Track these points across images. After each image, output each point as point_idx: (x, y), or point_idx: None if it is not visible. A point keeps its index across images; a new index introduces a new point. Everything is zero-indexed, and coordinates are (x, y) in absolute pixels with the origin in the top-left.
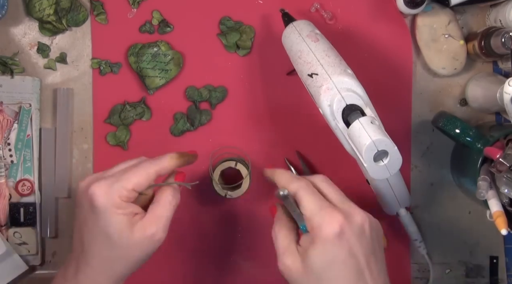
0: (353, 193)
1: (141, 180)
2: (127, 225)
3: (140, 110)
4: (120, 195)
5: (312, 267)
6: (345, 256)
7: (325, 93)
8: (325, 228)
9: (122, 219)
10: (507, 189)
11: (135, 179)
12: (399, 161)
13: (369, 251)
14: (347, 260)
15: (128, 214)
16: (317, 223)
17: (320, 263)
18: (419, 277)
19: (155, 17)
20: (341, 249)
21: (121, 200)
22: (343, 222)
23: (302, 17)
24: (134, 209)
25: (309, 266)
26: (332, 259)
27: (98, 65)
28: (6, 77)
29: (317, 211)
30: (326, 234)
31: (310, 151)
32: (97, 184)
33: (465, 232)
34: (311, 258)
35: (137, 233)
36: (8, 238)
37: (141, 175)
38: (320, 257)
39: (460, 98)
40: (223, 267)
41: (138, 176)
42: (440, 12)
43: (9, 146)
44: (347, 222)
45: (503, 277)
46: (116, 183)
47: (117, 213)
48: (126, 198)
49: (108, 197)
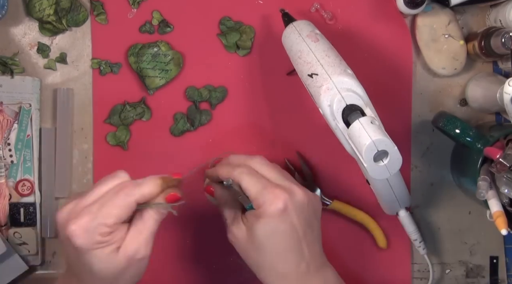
0: (353, 193)
1: (121, 213)
2: (110, 254)
3: (140, 110)
4: (101, 233)
5: (256, 237)
6: (286, 228)
7: (325, 93)
8: (270, 205)
9: (103, 253)
10: (507, 189)
11: (115, 213)
12: (399, 161)
13: (307, 224)
14: (287, 232)
15: (111, 244)
16: (262, 202)
17: (264, 234)
18: (419, 277)
19: (155, 17)
20: (283, 223)
21: (102, 237)
22: (286, 199)
23: (302, 17)
24: (116, 236)
25: (254, 236)
26: (275, 230)
27: (98, 65)
28: (6, 77)
29: (261, 190)
30: (271, 210)
31: (310, 151)
32: (75, 223)
33: (465, 232)
34: (256, 230)
35: (120, 257)
36: (8, 238)
37: (121, 207)
38: (265, 229)
39: (460, 98)
40: (223, 267)
41: (118, 209)
42: (440, 12)
43: (9, 146)
44: (290, 199)
45: (503, 277)
46: (95, 220)
47: (99, 248)
48: (108, 233)
49: (88, 237)
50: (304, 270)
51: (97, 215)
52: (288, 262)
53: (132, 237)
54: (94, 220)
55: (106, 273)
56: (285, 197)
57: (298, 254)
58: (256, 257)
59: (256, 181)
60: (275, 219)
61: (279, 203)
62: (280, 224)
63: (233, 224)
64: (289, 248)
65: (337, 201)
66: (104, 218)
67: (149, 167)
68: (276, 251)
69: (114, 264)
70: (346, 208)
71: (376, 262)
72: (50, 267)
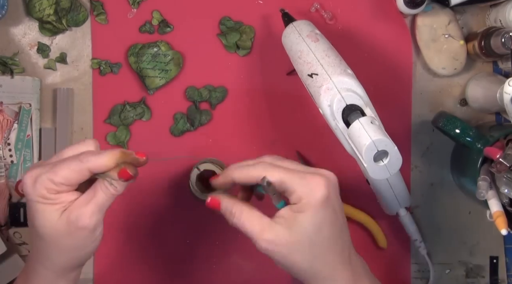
0: (353, 193)
1: (71, 175)
2: (52, 213)
3: (140, 110)
4: (47, 187)
5: (303, 233)
6: (331, 215)
7: (325, 93)
8: (315, 194)
9: (46, 209)
10: (507, 189)
11: (64, 173)
12: (399, 161)
13: (341, 205)
14: (333, 219)
15: (56, 204)
16: (304, 193)
17: (314, 227)
18: (419, 277)
19: (155, 17)
20: (328, 210)
21: (48, 192)
22: (328, 184)
23: (302, 17)
24: (62, 198)
25: (300, 233)
26: (323, 220)
27: (98, 65)
28: (6, 77)
29: (299, 181)
30: (316, 199)
31: (310, 151)
32: (29, 173)
33: (465, 232)
34: (305, 225)
35: (62, 219)
36: (8, 238)
37: (72, 170)
38: (314, 222)
39: (460, 98)
40: (223, 267)
41: (68, 171)
42: (440, 12)
43: (9, 146)
44: (329, 184)
45: (503, 277)
46: (45, 174)
47: (43, 203)
48: (55, 191)
49: (34, 188)
50: (348, 260)
51: (48, 170)
52: (338, 253)
53: (78, 204)
54: (44, 174)
55: (46, 232)
56: (325, 183)
57: (344, 242)
58: (305, 256)
59: (288, 173)
60: (322, 207)
61: (323, 190)
62: (327, 212)
63: (264, 231)
64: (338, 236)
65: None
66: (52, 175)
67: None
68: (327, 242)
69: (55, 224)
70: (346, 208)
71: (376, 262)
72: None
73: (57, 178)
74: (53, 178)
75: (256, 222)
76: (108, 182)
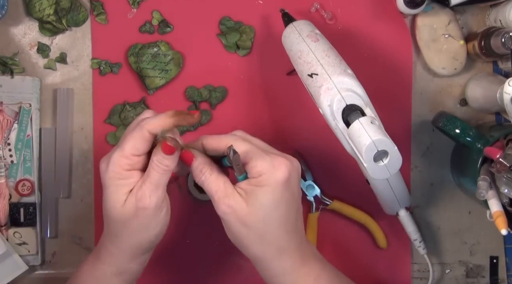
0: (353, 193)
1: (137, 143)
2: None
3: (140, 110)
4: (119, 164)
5: (260, 207)
6: (289, 197)
7: (325, 93)
8: (276, 173)
9: (119, 192)
10: (507, 189)
11: (131, 144)
12: (399, 161)
13: (300, 193)
14: (289, 201)
15: (126, 185)
16: (266, 169)
17: (269, 204)
18: (419, 277)
19: (155, 17)
20: (287, 192)
21: (123, 169)
22: (290, 167)
23: (302, 17)
24: (134, 179)
25: (258, 206)
26: (280, 200)
27: (98, 65)
28: (6, 77)
29: (263, 157)
30: (276, 178)
31: (310, 151)
32: (102, 159)
33: (465, 232)
34: (261, 199)
35: (129, 201)
36: (8, 238)
37: (136, 138)
38: (270, 198)
39: (460, 98)
40: (223, 267)
41: (133, 140)
42: (440, 12)
43: (9, 146)
44: (292, 167)
45: (503, 277)
46: (114, 153)
47: (115, 185)
48: (129, 165)
49: (108, 170)
50: (299, 243)
51: (116, 149)
52: (289, 234)
53: (139, 184)
54: (114, 154)
55: (116, 213)
56: (288, 165)
57: (296, 225)
58: (257, 230)
59: (254, 148)
60: (281, 187)
61: (284, 171)
62: (285, 193)
63: (227, 196)
64: (292, 218)
65: (337, 201)
66: (121, 151)
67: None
68: (280, 221)
69: (123, 206)
70: (346, 208)
71: (376, 262)
72: (50, 267)
73: (126, 151)
74: (123, 152)
75: (222, 185)
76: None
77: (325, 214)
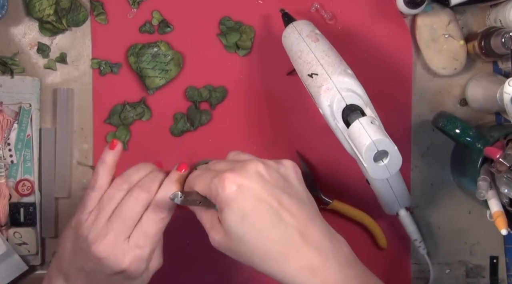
0: (353, 193)
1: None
2: (147, 272)
3: (140, 110)
4: (148, 259)
5: (231, 231)
6: (253, 205)
7: (325, 93)
8: (222, 192)
9: (146, 273)
10: (507, 189)
11: (159, 236)
12: (399, 161)
13: (277, 191)
14: (257, 208)
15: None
16: (215, 193)
17: (235, 223)
18: (419, 277)
19: (155, 17)
20: (246, 201)
21: (150, 259)
22: (235, 178)
23: (302, 17)
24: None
25: (229, 232)
26: (242, 213)
27: (98, 65)
28: (6, 77)
29: (208, 184)
30: (225, 196)
31: (310, 151)
32: (131, 259)
33: (465, 232)
34: (226, 223)
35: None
36: (8, 238)
37: (162, 230)
38: (232, 218)
39: (460, 98)
40: (223, 267)
41: (160, 232)
42: (440, 12)
43: (9, 146)
44: (240, 176)
45: (503, 277)
46: (146, 252)
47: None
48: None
49: (145, 267)
50: (299, 239)
51: (147, 245)
52: (277, 238)
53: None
54: (146, 251)
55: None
56: (232, 177)
57: (281, 225)
58: (245, 252)
59: (205, 177)
60: (235, 202)
61: (228, 185)
62: (244, 204)
63: (212, 229)
64: (268, 223)
65: (337, 201)
66: (153, 245)
67: None
68: (258, 233)
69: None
70: (346, 208)
71: (376, 262)
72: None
73: (154, 246)
74: (153, 247)
75: (207, 220)
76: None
77: (325, 214)
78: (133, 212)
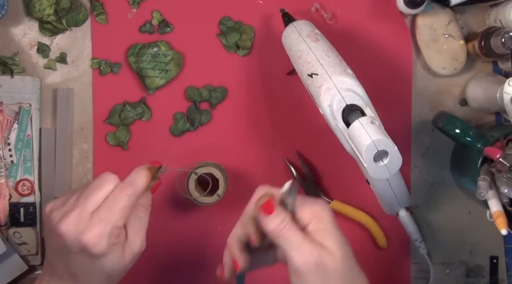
0: (353, 193)
1: (128, 212)
2: (120, 254)
3: (140, 110)
4: (115, 235)
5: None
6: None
7: (325, 93)
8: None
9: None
10: (507, 189)
11: (124, 214)
12: (399, 161)
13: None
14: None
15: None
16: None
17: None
18: (419, 277)
19: (155, 17)
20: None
21: (115, 238)
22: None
23: (302, 17)
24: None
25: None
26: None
27: (98, 65)
28: (6, 77)
29: (304, 203)
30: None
31: (310, 151)
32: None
33: (465, 232)
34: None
35: (127, 254)
36: (8, 238)
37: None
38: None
39: (460, 98)
40: None
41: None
42: (440, 12)
43: (9, 146)
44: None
45: (503, 277)
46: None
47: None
48: (118, 234)
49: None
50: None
51: (108, 220)
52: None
53: (135, 236)
54: (108, 226)
55: (117, 271)
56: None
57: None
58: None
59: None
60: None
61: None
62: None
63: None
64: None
65: (337, 201)
66: (116, 222)
67: None
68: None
69: (123, 262)
70: (346, 208)
71: (376, 262)
72: None
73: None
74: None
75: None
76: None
77: None
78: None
